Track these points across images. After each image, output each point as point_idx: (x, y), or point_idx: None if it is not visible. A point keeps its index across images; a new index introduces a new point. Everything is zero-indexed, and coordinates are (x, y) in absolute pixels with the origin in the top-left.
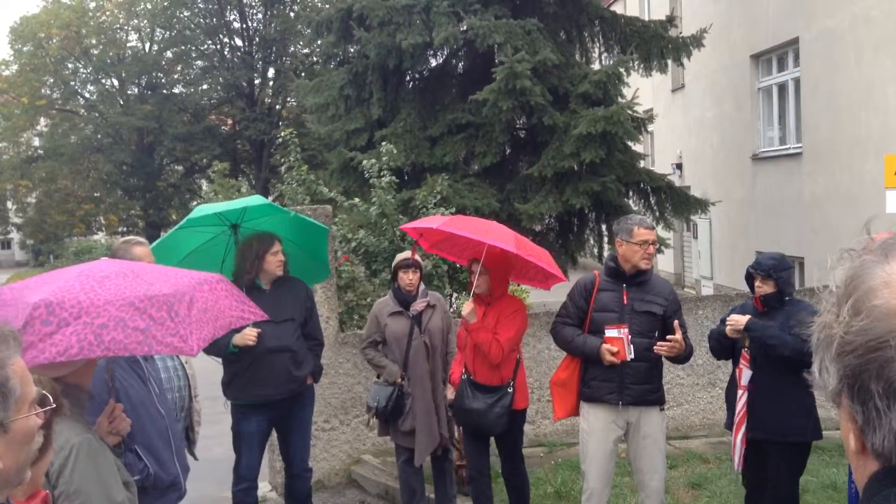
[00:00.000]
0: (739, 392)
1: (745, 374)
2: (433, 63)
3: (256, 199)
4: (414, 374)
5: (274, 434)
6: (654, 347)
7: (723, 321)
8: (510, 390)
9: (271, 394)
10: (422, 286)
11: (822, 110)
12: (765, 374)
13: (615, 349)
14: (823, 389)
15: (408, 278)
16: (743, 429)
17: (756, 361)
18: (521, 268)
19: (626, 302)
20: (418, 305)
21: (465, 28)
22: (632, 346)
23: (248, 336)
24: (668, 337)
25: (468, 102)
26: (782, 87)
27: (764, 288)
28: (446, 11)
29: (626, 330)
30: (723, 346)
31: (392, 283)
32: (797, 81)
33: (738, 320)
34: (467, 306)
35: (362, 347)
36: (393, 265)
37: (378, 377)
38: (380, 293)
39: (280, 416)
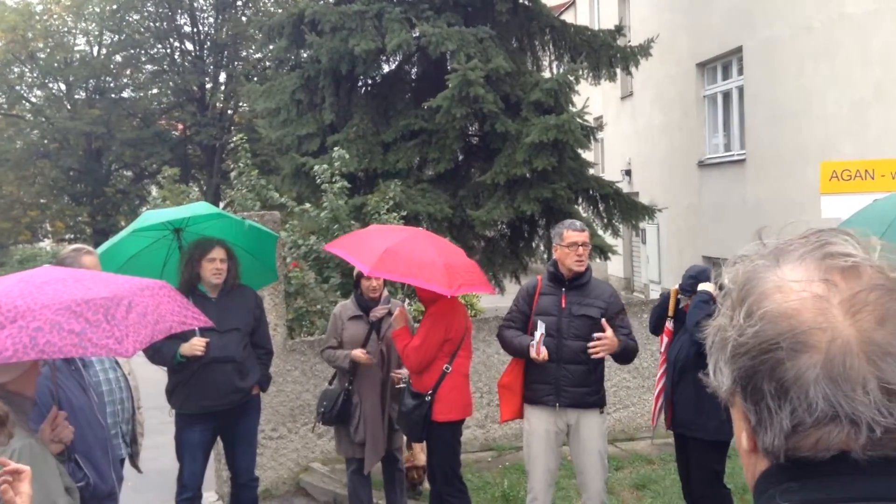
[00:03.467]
0: (661, 359)
1: (664, 344)
2: (386, 69)
3: (202, 207)
4: (366, 380)
5: (220, 442)
6: (588, 347)
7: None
8: (427, 399)
9: (214, 404)
10: (385, 293)
11: (764, 118)
12: (687, 372)
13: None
14: (718, 389)
15: (370, 284)
16: (661, 400)
17: (678, 362)
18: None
19: (564, 305)
20: (378, 311)
21: (417, 35)
22: (543, 346)
23: (196, 346)
24: (596, 335)
25: (421, 108)
26: (727, 95)
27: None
28: (399, 18)
29: (541, 332)
30: (660, 317)
31: (355, 288)
32: (741, 89)
33: (707, 287)
34: (397, 311)
35: (321, 349)
36: (355, 272)
37: (330, 383)
38: (330, 299)
39: (225, 425)
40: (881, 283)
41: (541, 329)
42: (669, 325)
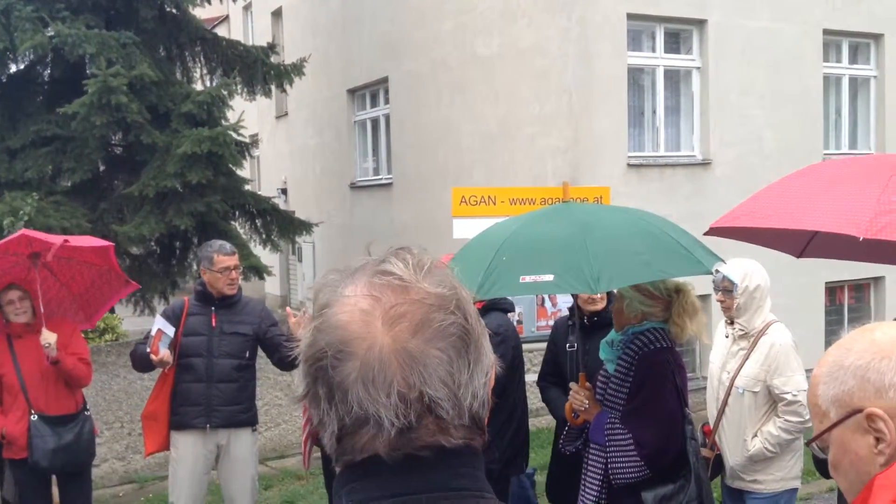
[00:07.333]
0: None
1: None
2: (13, 69)
3: None
4: None
5: None
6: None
7: None
8: (87, 413)
9: None
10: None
11: (408, 145)
12: None
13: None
14: (296, 394)
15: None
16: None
17: None
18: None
19: (214, 325)
20: None
21: (52, 34)
22: (164, 348)
23: None
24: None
25: (56, 114)
26: (375, 122)
27: None
28: (30, 16)
29: (158, 327)
30: None
31: None
32: (387, 117)
33: None
34: (50, 335)
35: None
36: None
37: None
38: None
39: None
40: (420, 299)
41: (158, 323)
42: None
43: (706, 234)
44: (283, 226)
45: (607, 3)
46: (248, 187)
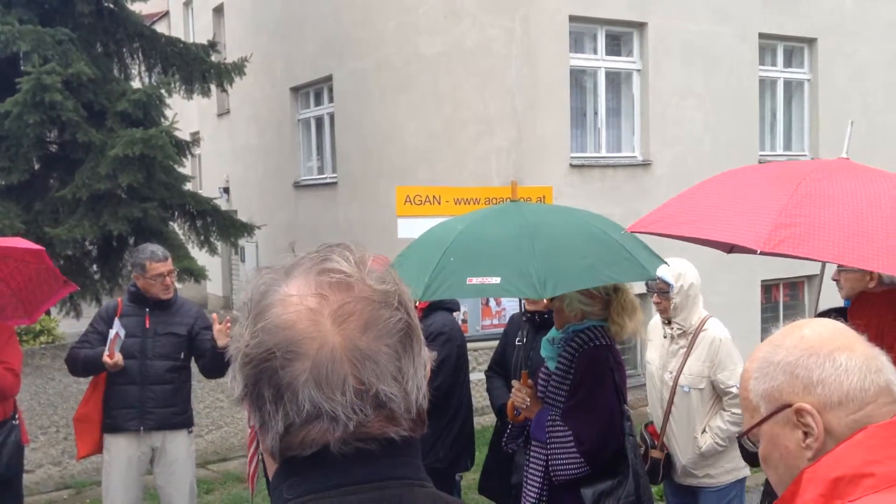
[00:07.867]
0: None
1: None
2: None
3: None
4: None
5: None
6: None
7: None
8: (15, 422)
9: None
10: None
11: (353, 144)
12: None
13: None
14: (233, 395)
15: None
16: (253, 447)
17: None
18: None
19: (148, 326)
20: None
21: None
22: (118, 352)
23: None
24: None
25: None
26: (319, 121)
27: None
28: None
29: (116, 331)
30: None
31: None
32: (332, 116)
33: None
34: None
35: None
36: None
37: None
38: None
39: None
40: (367, 296)
41: (116, 327)
42: None
43: (629, 230)
44: (223, 227)
45: (550, 4)
46: (188, 186)
